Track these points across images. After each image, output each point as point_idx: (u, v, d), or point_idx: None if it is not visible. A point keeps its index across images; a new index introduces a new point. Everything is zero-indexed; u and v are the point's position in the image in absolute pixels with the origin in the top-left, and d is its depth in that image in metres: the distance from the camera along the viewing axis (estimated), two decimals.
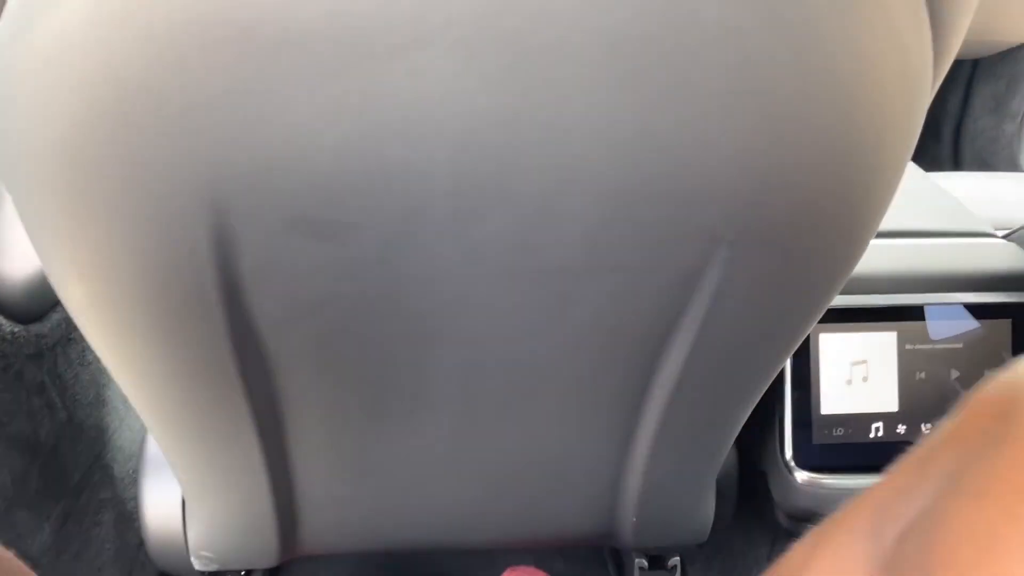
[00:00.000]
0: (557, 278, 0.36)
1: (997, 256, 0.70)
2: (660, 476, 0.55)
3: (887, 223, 0.76)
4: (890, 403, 0.68)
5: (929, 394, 0.68)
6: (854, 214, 0.37)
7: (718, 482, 0.75)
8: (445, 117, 0.29)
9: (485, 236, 0.34)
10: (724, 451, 0.55)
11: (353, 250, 0.33)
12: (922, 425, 0.69)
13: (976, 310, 0.69)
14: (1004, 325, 0.69)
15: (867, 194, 0.36)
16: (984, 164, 1.67)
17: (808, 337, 0.67)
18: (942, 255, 0.70)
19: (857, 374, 0.68)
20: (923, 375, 0.68)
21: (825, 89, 0.30)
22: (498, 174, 0.31)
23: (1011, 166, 1.65)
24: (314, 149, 0.30)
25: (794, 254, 0.37)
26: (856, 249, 0.40)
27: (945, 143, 1.71)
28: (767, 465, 0.70)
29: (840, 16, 0.29)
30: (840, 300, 0.67)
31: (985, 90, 1.64)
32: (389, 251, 0.34)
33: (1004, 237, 0.74)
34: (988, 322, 0.69)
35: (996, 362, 0.69)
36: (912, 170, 0.85)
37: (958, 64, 1.66)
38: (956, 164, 1.70)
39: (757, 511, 0.74)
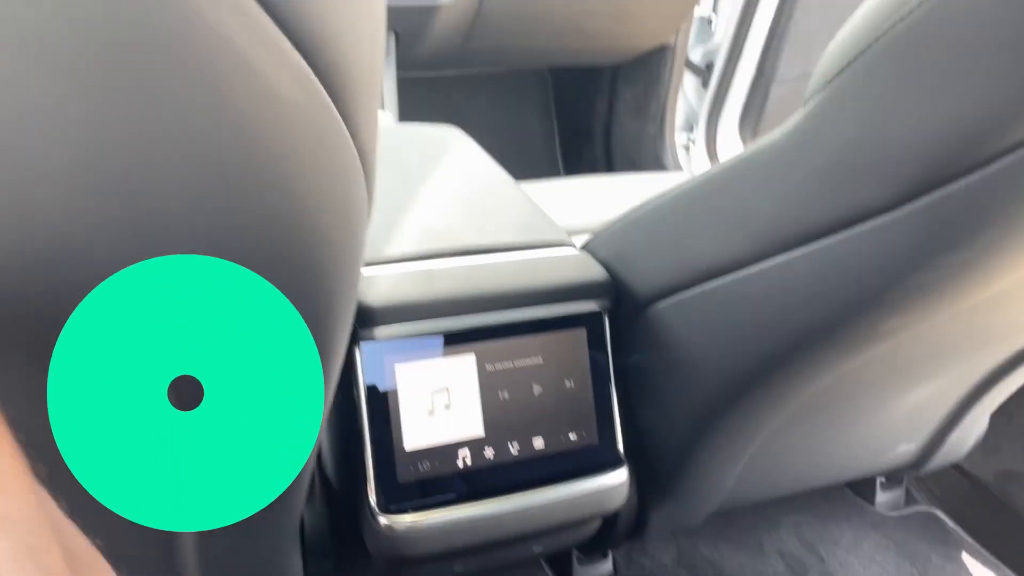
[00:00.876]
0: None
1: (570, 267, 0.70)
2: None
3: (459, 240, 0.75)
4: (475, 428, 0.66)
5: (514, 413, 0.67)
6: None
7: (307, 539, 0.69)
8: None
9: None
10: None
11: None
12: (509, 445, 0.67)
13: (551, 323, 0.69)
14: (579, 335, 0.70)
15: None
16: (632, 164, 1.78)
17: (384, 371, 0.63)
18: (516, 270, 0.69)
19: (439, 403, 0.65)
20: (506, 395, 0.67)
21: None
22: None
23: (656, 164, 1.78)
24: None
25: None
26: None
27: (597, 146, 1.81)
28: (359, 514, 0.65)
29: None
30: (413, 327, 0.63)
31: (627, 94, 1.75)
32: None
33: (582, 247, 0.76)
34: (564, 333, 0.69)
35: (576, 372, 0.69)
36: (501, 180, 0.85)
37: (600, 71, 1.76)
38: (608, 165, 1.80)
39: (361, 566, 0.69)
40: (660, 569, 0.93)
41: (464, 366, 0.65)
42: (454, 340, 0.65)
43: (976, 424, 0.93)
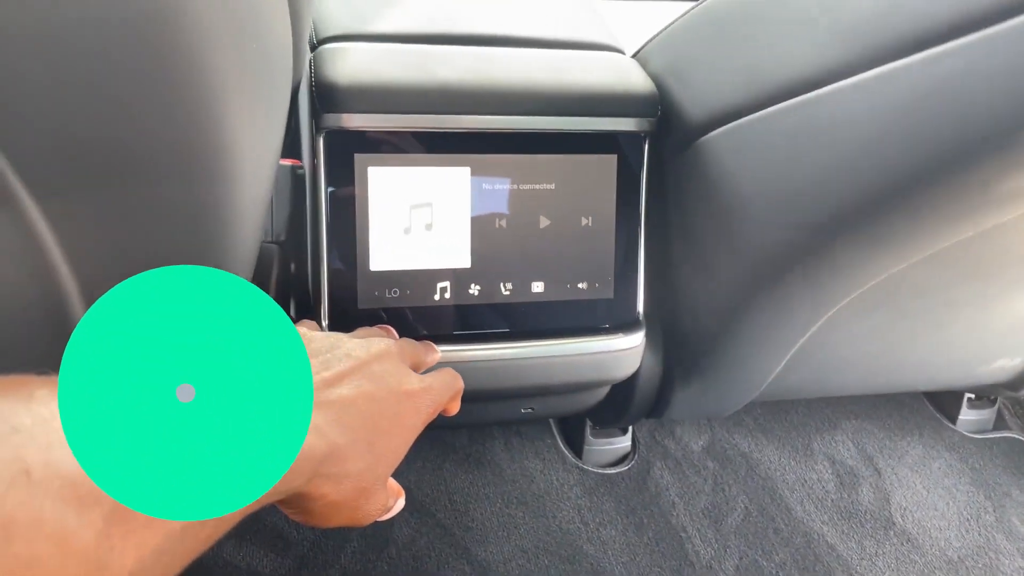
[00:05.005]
0: None
1: (609, 72, 0.55)
2: None
3: (473, 25, 0.59)
4: (460, 257, 0.54)
5: (512, 247, 0.54)
6: None
7: None
8: None
9: None
10: None
11: None
12: (501, 285, 0.55)
13: (575, 141, 0.54)
14: (609, 161, 0.55)
15: None
16: None
17: (353, 173, 0.51)
18: (537, 67, 0.54)
19: (419, 220, 0.53)
20: (504, 223, 0.54)
21: None
22: None
23: None
24: None
25: None
26: None
27: None
28: None
29: None
30: (392, 120, 0.50)
31: None
32: None
33: (634, 55, 0.60)
34: (589, 157, 0.55)
35: (598, 208, 0.55)
36: None
37: None
38: None
39: None
40: (686, 455, 0.82)
41: (455, 179, 0.53)
42: (445, 145, 0.52)
43: None
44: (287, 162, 0.64)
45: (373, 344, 0.35)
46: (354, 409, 0.31)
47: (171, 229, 0.31)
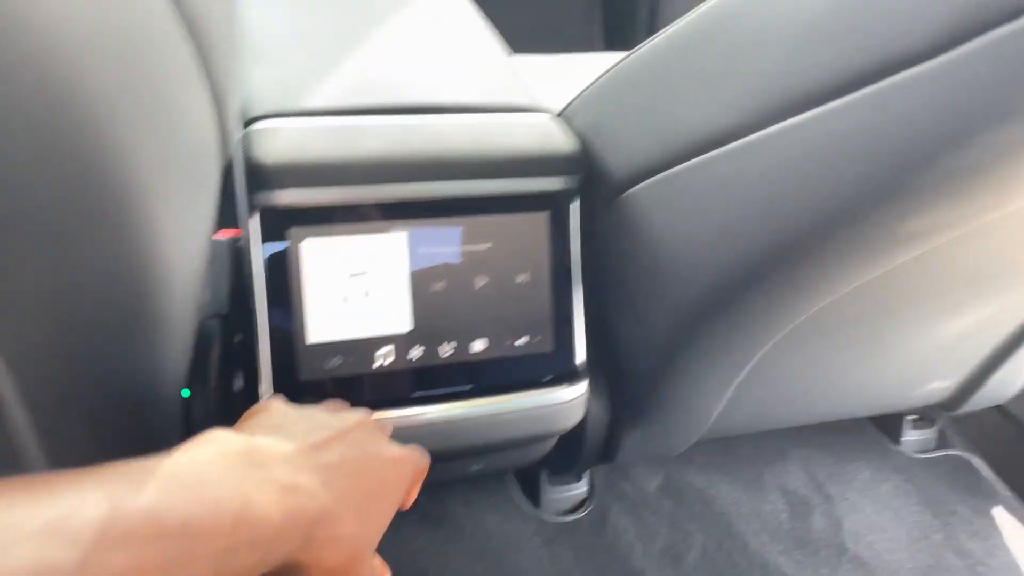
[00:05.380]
0: None
1: (535, 134, 0.57)
2: None
3: (403, 95, 0.61)
4: (400, 322, 0.55)
5: (451, 308, 0.56)
6: None
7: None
8: None
9: None
10: None
11: None
12: (442, 346, 0.56)
13: (506, 203, 0.56)
14: (540, 219, 0.57)
15: None
16: None
17: (288, 246, 0.52)
18: (466, 133, 0.56)
19: (356, 289, 0.54)
20: (442, 285, 0.55)
21: None
22: None
23: None
24: None
25: None
26: None
27: (640, 28, 1.63)
28: None
29: None
30: (324, 194, 0.52)
31: None
32: None
33: (559, 113, 0.62)
34: (521, 216, 0.57)
35: (532, 264, 0.57)
36: (480, 40, 0.71)
37: None
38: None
39: None
40: (642, 496, 0.83)
41: (390, 246, 0.54)
42: (378, 214, 0.53)
43: None
44: (228, 233, 0.65)
45: (349, 415, 0.36)
46: (341, 473, 0.31)
47: (98, 308, 0.32)
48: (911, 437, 0.93)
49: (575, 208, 0.58)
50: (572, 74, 0.68)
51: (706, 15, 0.48)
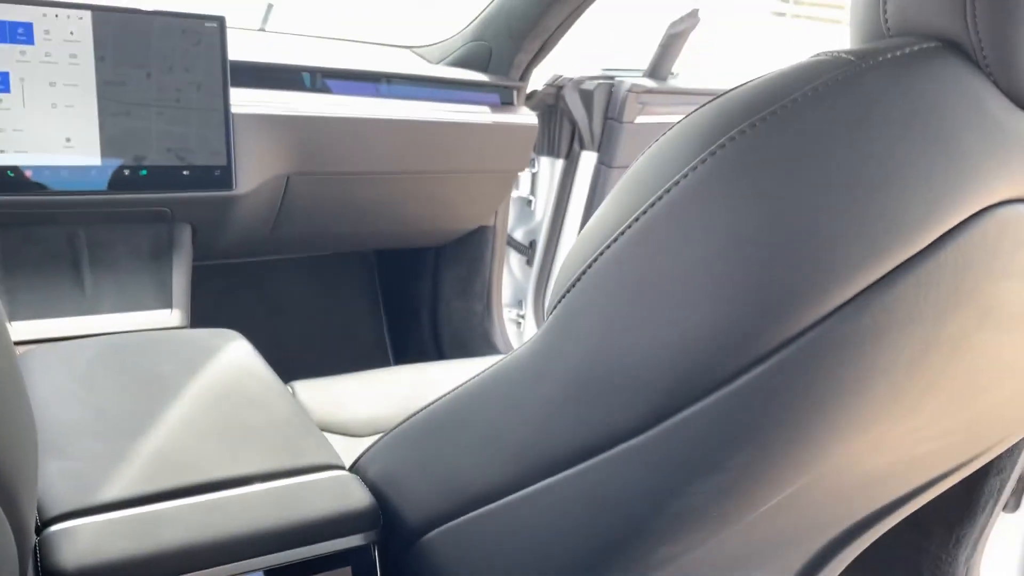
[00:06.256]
0: None
1: (329, 497, 0.62)
2: None
3: (200, 472, 0.65)
4: None
5: None
6: None
7: None
8: None
9: None
10: None
11: None
12: None
13: (310, 566, 0.59)
14: (343, 574, 0.60)
15: None
16: (461, 344, 1.74)
17: None
18: (264, 508, 0.59)
19: None
20: None
21: None
22: None
23: (485, 342, 1.75)
24: None
25: None
26: None
27: (425, 327, 1.77)
28: None
29: None
30: None
31: (450, 275, 1.74)
32: None
33: (351, 467, 0.68)
34: (328, 575, 0.60)
35: None
36: (269, 393, 0.77)
37: (423, 252, 1.75)
38: (437, 346, 1.76)
39: None
40: None
41: None
42: None
43: None
44: None
45: None
46: None
47: None
48: None
49: (376, 557, 0.62)
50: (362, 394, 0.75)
51: (477, 385, 0.57)
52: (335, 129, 1.29)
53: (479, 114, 1.46)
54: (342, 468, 0.66)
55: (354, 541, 0.61)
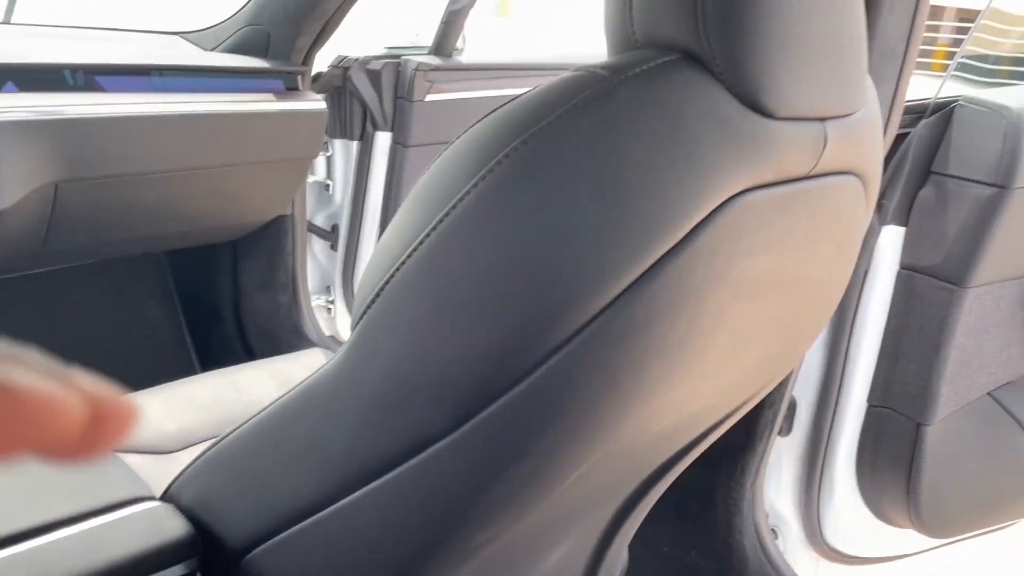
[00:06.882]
0: None
1: (142, 531, 0.60)
2: None
3: (8, 525, 0.61)
4: None
5: None
6: None
7: None
8: None
9: None
10: None
11: None
12: None
13: None
14: None
15: None
16: (269, 336, 1.70)
17: None
18: (71, 555, 0.56)
19: None
20: None
21: None
22: None
23: (295, 333, 1.71)
24: None
25: None
26: None
27: (228, 324, 1.71)
28: None
29: None
30: None
31: (251, 268, 1.69)
32: None
33: (163, 495, 0.66)
34: None
35: None
36: None
37: (219, 248, 1.68)
38: (243, 342, 1.70)
39: None
40: None
41: None
42: None
43: (619, 559, 0.96)
44: None
45: None
46: None
47: None
48: None
49: None
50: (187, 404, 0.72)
51: (290, 401, 0.57)
52: (105, 130, 1.21)
53: (263, 102, 1.42)
54: (152, 498, 0.64)
55: (175, 572, 0.60)
